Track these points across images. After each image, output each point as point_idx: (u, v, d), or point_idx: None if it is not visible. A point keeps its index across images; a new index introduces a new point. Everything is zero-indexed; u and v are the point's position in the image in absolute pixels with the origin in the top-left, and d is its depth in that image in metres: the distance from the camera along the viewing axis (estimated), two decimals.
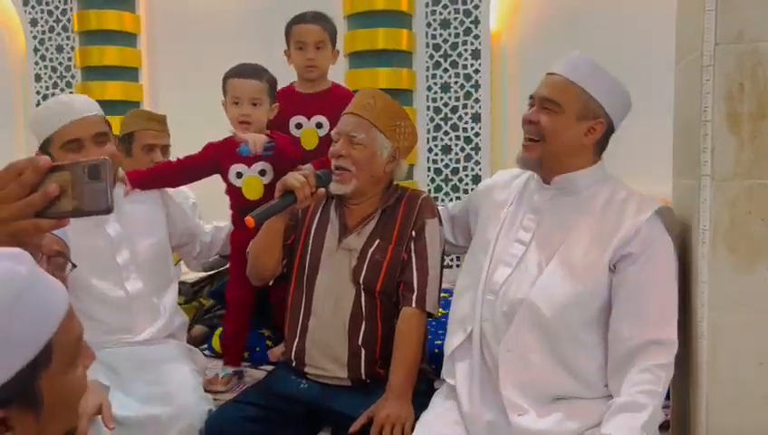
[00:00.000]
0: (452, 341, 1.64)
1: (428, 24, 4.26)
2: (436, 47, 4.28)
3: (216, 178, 2.15)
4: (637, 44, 3.73)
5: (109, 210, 0.88)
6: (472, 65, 4.24)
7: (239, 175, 2.07)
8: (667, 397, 1.83)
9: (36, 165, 0.85)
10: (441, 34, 4.27)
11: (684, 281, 1.55)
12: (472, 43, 4.23)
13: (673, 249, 1.51)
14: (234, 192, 2.09)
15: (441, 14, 4.25)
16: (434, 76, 4.27)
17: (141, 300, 1.94)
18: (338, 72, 4.19)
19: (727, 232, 1.44)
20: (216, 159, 2.09)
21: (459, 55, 4.26)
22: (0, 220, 0.85)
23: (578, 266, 1.49)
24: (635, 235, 1.46)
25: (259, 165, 2.07)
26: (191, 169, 2.10)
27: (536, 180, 1.65)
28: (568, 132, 1.53)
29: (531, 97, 1.60)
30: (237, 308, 2.13)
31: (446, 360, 1.65)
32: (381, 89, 3.85)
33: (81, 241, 1.86)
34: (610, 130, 1.58)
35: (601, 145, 1.60)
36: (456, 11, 4.23)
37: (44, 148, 1.80)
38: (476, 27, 4.21)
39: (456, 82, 4.26)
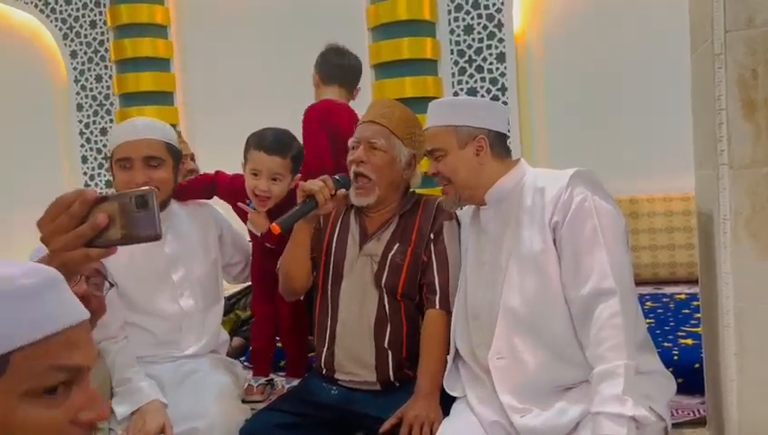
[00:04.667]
0: (449, 360, 1.72)
1: (452, 31, 4.29)
2: (461, 53, 4.30)
3: None
4: (663, 39, 3.69)
5: (157, 237, 0.90)
6: (497, 69, 4.25)
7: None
8: (702, 393, 1.81)
9: (84, 197, 0.89)
10: (465, 40, 4.29)
11: (707, 273, 1.53)
12: (496, 47, 4.24)
13: (598, 203, 1.52)
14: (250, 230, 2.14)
15: (464, 20, 4.27)
16: (459, 82, 4.30)
17: (192, 317, 2.00)
18: (364, 84, 4.25)
19: (749, 220, 1.42)
20: (231, 201, 2.13)
21: (484, 60, 4.27)
22: (52, 251, 0.89)
23: (532, 260, 1.56)
24: (556, 205, 1.54)
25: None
26: (219, 190, 2.15)
27: (476, 206, 1.75)
28: (461, 163, 1.65)
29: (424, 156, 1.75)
30: (261, 320, 2.18)
31: (447, 374, 1.70)
32: (407, 98, 3.94)
33: (140, 258, 1.93)
34: (497, 137, 1.67)
35: (499, 153, 1.67)
36: (479, 16, 4.25)
37: (109, 160, 1.95)
38: (500, 31, 4.22)
39: (482, 87, 4.27)
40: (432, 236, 1.82)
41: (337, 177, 1.80)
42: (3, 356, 0.68)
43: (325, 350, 1.86)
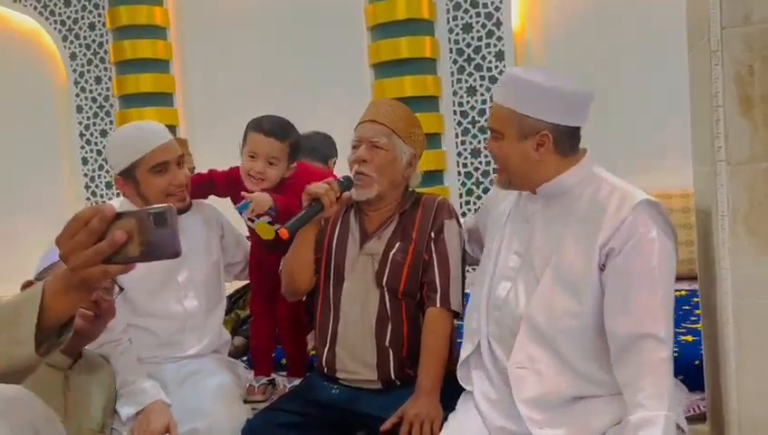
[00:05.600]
0: (463, 351, 1.67)
1: (450, 30, 4.29)
2: (460, 52, 4.30)
3: None
4: (662, 36, 3.69)
5: (177, 254, 0.90)
6: (496, 67, 4.25)
7: (251, 219, 2.08)
8: (702, 388, 1.81)
9: (102, 214, 0.89)
10: (464, 39, 4.29)
11: (707, 269, 1.54)
12: (495, 45, 4.24)
13: (661, 241, 1.45)
14: (250, 228, 2.13)
15: (463, 18, 4.28)
16: (459, 81, 4.30)
17: (195, 317, 2.02)
18: (364, 84, 4.27)
19: (747, 216, 1.42)
20: (231, 191, 2.11)
21: (483, 58, 4.27)
22: (71, 268, 0.89)
23: (571, 276, 1.48)
24: (615, 231, 1.43)
25: (264, 218, 2.03)
26: (215, 188, 2.15)
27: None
28: (516, 155, 1.52)
29: None
30: (260, 318, 2.19)
31: (460, 366, 1.68)
32: (407, 97, 3.95)
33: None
34: (566, 132, 1.51)
35: (563, 149, 1.52)
36: (478, 14, 4.25)
37: (128, 172, 1.88)
38: (499, 29, 4.23)
39: (481, 85, 4.27)
40: (433, 234, 1.83)
41: (341, 178, 1.81)
42: None
43: (326, 349, 1.87)
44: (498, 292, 1.59)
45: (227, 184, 2.12)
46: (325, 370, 1.87)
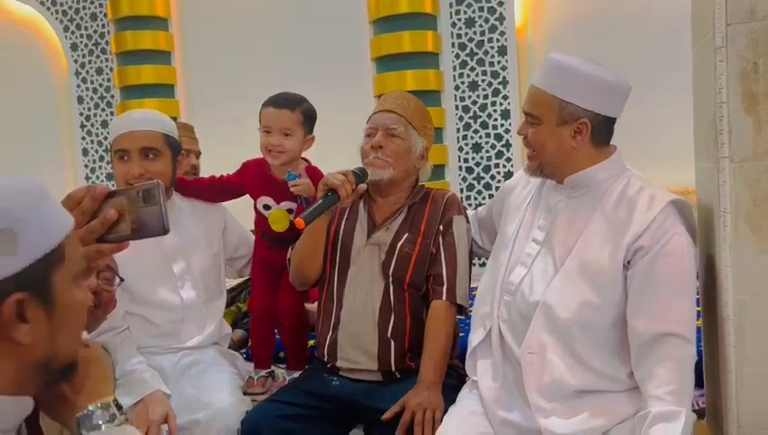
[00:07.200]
0: (474, 338, 1.66)
1: (453, 24, 4.28)
2: (462, 46, 4.29)
3: None
4: (666, 31, 3.68)
5: (165, 231, 0.92)
6: (499, 62, 4.24)
7: (266, 207, 2.09)
8: (701, 385, 1.82)
9: (94, 193, 0.91)
10: (466, 33, 4.28)
11: (708, 266, 1.54)
12: (498, 40, 4.23)
13: (689, 244, 1.45)
14: (260, 217, 2.12)
15: (465, 12, 4.26)
16: (461, 75, 4.29)
17: (193, 308, 2.02)
18: (365, 78, 4.26)
19: (749, 213, 1.42)
20: (249, 185, 2.10)
21: (486, 53, 4.26)
22: None
23: (592, 269, 1.47)
24: (645, 229, 1.43)
25: (285, 204, 2.06)
26: (229, 190, 2.13)
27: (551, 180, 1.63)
28: (552, 141, 1.52)
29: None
30: (260, 316, 2.18)
31: (468, 356, 1.67)
32: (409, 91, 3.93)
33: (141, 249, 1.93)
34: (604, 122, 1.52)
35: (599, 139, 1.53)
36: (481, 9, 4.24)
37: (112, 151, 1.97)
38: (501, 24, 4.21)
39: (483, 80, 4.26)
40: (441, 228, 1.84)
41: (356, 170, 1.81)
42: (60, 246, 0.78)
43: (329, 335, 1.87)
44: (512, 277, 1.58)
45: (243, 178, 2.09)
46: (326, 357, 1.88)
